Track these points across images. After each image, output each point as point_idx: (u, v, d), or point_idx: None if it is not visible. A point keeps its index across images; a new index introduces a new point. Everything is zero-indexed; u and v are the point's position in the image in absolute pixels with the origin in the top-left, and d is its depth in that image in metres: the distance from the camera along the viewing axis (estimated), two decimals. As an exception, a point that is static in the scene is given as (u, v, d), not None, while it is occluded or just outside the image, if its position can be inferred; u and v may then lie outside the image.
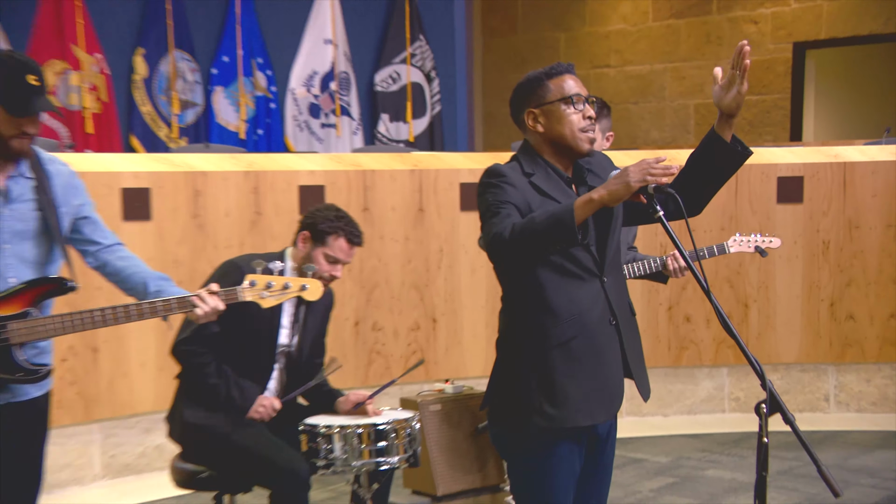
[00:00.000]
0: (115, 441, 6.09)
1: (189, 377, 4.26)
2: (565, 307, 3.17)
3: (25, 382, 3.42)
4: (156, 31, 8.78)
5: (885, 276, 7.26)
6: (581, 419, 3.19)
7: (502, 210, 3.14)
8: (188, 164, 6.29)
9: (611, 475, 3.47)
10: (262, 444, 4.06)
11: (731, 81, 3.06)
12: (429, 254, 6.87)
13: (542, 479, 3.27)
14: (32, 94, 3.34)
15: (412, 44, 10.00)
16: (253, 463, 4.05)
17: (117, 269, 3.58)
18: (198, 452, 4.20)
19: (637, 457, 6.40)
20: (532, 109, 3.28)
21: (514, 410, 3.26)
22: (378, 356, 6.74)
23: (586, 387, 3.19)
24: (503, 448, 3.45)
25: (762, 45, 11.43)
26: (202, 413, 4.17)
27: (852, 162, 7.29)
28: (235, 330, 4.14)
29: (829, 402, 7.38)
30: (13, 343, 3.34)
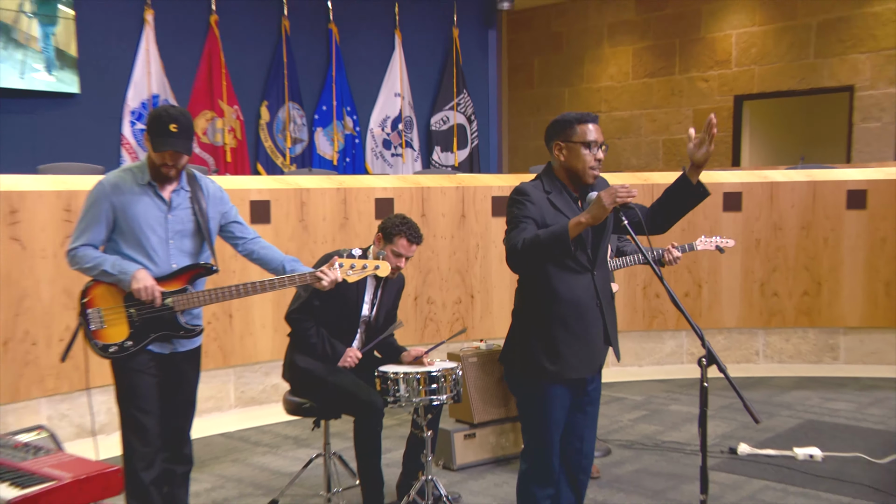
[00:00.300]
0: (243, 381, 6.23)
1: (296, 336, 4.28)
2: (565, 292, 3.23)
3: (186, 338, 3.55)
4: (276, 89, 8.83)
5: (799, 264, 7.31)
6: (572, 373, 3.27)
7: (520, 224, 3.18)
8: (297, 183, 6.39)
9: (597, 419, 3.50)
10: (348, 384, 4.07)
11: (702, 142, 3.14)
12: (468, 248, 6.93)
13: (540, 414, 3.32)
14: (168, 138, 3.34)
15: (458, 96, 10.00)
16: (342, 397, 4.07)
17: (262, 256, 3.65)
18: (303, 389, 4.24)
19: (619, 396, 6.47)
20: (559, 142, 3.27)
21: (523, 364, 3.31)
22: (431, 322, 6.81)
23: (576, 350, 3.26)
24: (515, 390, 3.48)
25: (711, 97, 11.36)
26: (306, 362, 4.21)
27: (777, 181, 7.34)
28: (331, 304, 4.18)
29: (759, 356, 7.43)
30: (176, 310, 3.47)
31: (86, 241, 3.44)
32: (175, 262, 3.51)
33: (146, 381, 3.48)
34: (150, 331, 3.46)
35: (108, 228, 3.45)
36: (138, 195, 3.46)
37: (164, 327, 3.47)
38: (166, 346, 3.53)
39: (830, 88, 10.52)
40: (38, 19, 7.30)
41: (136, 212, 3.44)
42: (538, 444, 3.37)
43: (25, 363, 5.25)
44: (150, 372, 3.50)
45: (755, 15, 11.02)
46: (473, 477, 4.78)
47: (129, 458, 3.47)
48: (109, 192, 3.45)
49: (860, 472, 4.76)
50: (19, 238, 5.22)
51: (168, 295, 3.44)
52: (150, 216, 3.46)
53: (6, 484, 2.38)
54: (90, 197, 3.48)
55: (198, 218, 3.55)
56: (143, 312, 3.43)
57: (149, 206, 3.47)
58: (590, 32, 12.53)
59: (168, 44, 8.13)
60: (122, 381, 3.50)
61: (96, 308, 3.43)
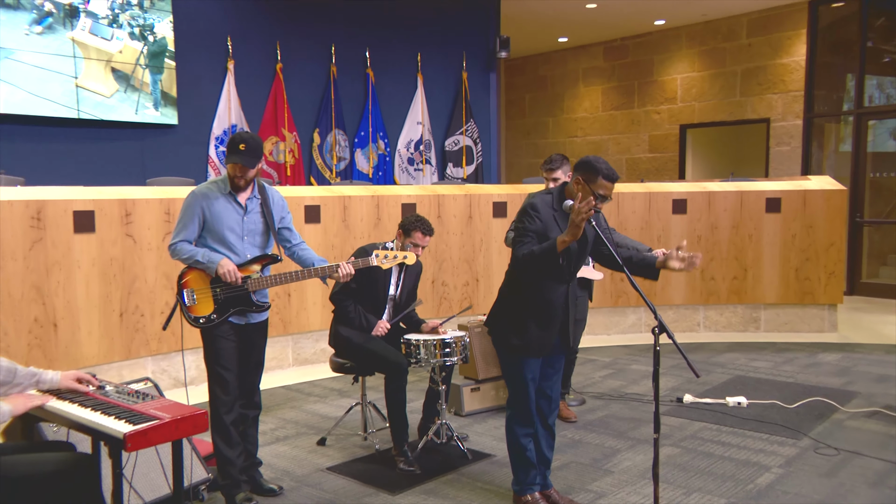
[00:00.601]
0: (299, 345, 6.21)
1: (339, 312, 4.25)
2: (544, 295, 3.21)
3: (257, 312, 3.52)
4: (325, 119, 8.78)
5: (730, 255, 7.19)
6: (532, 353, 3.26)
7: (525, 238, 3.12)
8: (341, 192, 6.37)
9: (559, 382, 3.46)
10: (380, 348, 4.05)
11: (684, 263, 3.11)
12: (474, 242, 6.88)
13: (517, 374, 3.31)
14: (236, 154, 3.35)
15: (466, 123, 9.92)
16: (376, 359, 4.05)
17: (300, 257, 3.64)
18: (345, 353, 4.21)
19: (591, 358, 6.43)
20: (581, 179, 3.13)
21: (499, 337, 3.33)
22: (444, 300, 6.77)
23: (538, 337, 3.23)
24: (497, 352, 3.44)
25: (662, 126, 11.38)
26: (347, 332, 4.18)
27: (713, 191, 7.25)
28: (366, 286, 4.16)
29: (700, 327, 7.35)
30: (250, 290, 3.45)
31: (183, 238, 3.44)
32: (249, 253, 3.50)
33: (227, 345, 3.47)
34: (230, 306, 3.44)
35: (200, 227, 3.45)
36: (222, 202, 3.45)
37: (240, 303, 3.46)
38: (242, 318, 3.51)
39: (752, 120, 10.59)
40: (149, 69, 7.47)
41: (220, 215, 3.43)
42: (517, 395, 3.35)
43: (136, 330, 5.26)
44: (231, 338, 3.48)
45: (695, 63, 11.09)
46: (478, 421, 4.77)
47: (214, 404, 3.46)
48: (200, 199, 3.45)
49: (776, 415, 4.74)
50: (132, 235, 5.22)
51: (244, 279, 3.43)
52: (230, 218, 3.45)
53: (123, 421, 2.42)
54: (186, 202, 3.48)
55: (266, 220, 3.53)
56: (225, 292, 3.43)
57: (229, 211, 3.46)
58: (568, 75, 12.54)
59: (244, 85, 8.22)
60: (209, 345, 3.48)
61: (190, 289, 3.43)
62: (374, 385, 5.14)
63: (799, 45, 10.02)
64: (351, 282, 4.07)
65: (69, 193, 5.03)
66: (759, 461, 4.00)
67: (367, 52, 9.17)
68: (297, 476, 3.86)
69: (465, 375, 5.01)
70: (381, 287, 4.25)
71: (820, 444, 4.22)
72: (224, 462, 3.45)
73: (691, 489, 3.66)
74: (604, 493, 3.61)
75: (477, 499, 3.58)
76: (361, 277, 4.08)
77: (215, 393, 3.46)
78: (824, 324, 7.27)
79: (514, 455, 3.41)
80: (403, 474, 3.85)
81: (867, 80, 9.80)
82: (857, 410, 4.83)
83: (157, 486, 3.25)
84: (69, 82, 6.97)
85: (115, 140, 7.41)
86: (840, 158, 10.21)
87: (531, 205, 3.18)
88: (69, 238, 4.91)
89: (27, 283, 4.72)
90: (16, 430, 3.12)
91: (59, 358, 4.85)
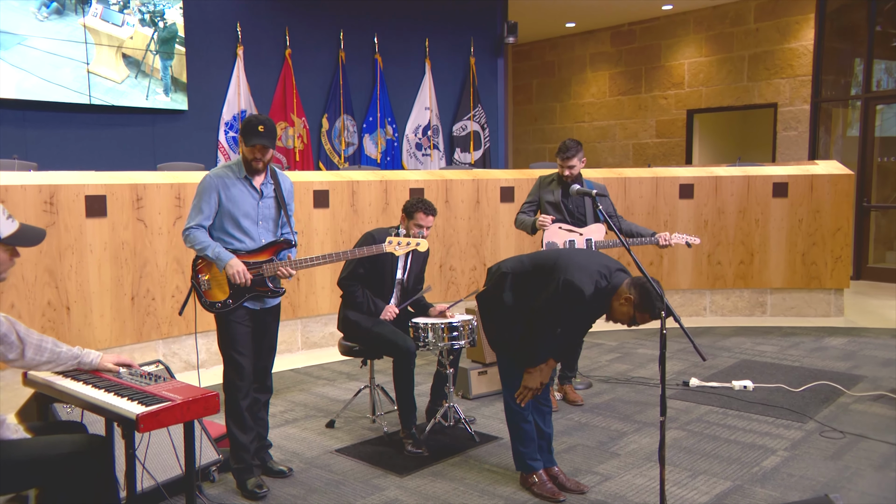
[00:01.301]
0: (308, 329, 6.21)
1: (346, 297, 4.23)
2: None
3: (272, 297, 3.52)
4: (334, 104, 8.74)
5: (737, 240, 7.17)
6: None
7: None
8: (349, 177, 6.34)
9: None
10: (389, 332, 4.03)
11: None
12: (482, 227, 6.86)
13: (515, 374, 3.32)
14: (256, 136, 3.32)
15: (474, 109, 9.87)
16: (384, 343, 4.03)
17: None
18: (353, 337, 4.20)
19: (598, 342, 6.40)
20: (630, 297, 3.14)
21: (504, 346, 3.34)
22: (452, 284, 6.76)
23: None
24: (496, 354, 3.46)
25: (669, 111, 11.27)
26: (355, 316, 4.17)
27: (720, 176, 7.20)
28: (373, 271, 4.16)
29: (706, 311, 7.32)
30: (266, 275, 3.43)
31: (198, 223, 3.39)
32: (264, 239, 3.47)
33: (243, 330, 3.44)
34: (246, 291, 3.42)
35: (215, 212, 3.40)
36: (239, 186, 3.41)
37: (256, 289, 3.44)
38: (257, 303, 3.49)
39: (759, 105, 10.47)
40: (160, 55, 7.48)
41: (236, 199, 3.40)
42: (514, 380, 3.34)
43: (147, 313, 5.27)
44: (245, 323, 3.46)
45: (702, 48, 10.96)
46: (485, 404, 4.77)
47: (230, 390, 3.45)
48: (217, 183, 3.39)
49: (781, 399, 4.72)
50: (143, 219, 5.23)
51: (257, 264, 3.40)
52: (246, 203, 3.41)
53: (135, 402, 2.42)
54: (202, 186, 3.41)
55: (280, 204, 3.50)
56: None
57: (245, 196, 3.42)
58: (576, 61, 12.44)
59: (253, 71, 8.20)
60: (224, 330, 3.46)
61: (205, 274, 3.43)
62: (382, 368, 5.15)
63: (807, 29, 9.90)
64: (359, 267, 4.11)
65: (81, 178, 5.03)
66: (765, 444, 3.99)
67: (375, 38, 9.12)
68: (306, 458, 3.87)
69: (472, 359, 5.00)
70: (389, 272, 4.22)
71: (825, 428, 4.21)
72: (238, 447, 3.45)
73: (697, 472, 3.65)
74: (610, 476, 3.61)
75: (484, 480, 3.58)
76: (369, 263, 4.09)
77: (230, 378, 3.45)
78: (830, 308, 7.23)
79: (515, 429, 3.39)
80: (411, 456, 3.86)
81: (875, 64, 9.69)
82: (863, 394, 4.81)
83: (168, 467, 3.26)
84: (81, 68, 6.96)
85: (126, 125, 7.42)
86: (847, 143, 10.12)
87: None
88: (81, 222, 4.92)
89: (40, 266, 4.74)
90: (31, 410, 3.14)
91: (72, 341, 4.87)
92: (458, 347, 4.11)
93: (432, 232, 6.69)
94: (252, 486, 3.42)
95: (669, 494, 3.39)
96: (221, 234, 3.43)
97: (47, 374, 2.75)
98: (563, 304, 3.06)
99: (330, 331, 6.24)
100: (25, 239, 2.54)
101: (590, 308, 3.11)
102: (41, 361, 2.64)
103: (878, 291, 8.78)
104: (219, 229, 3.42)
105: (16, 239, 2.51)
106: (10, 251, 2.53)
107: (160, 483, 3.16)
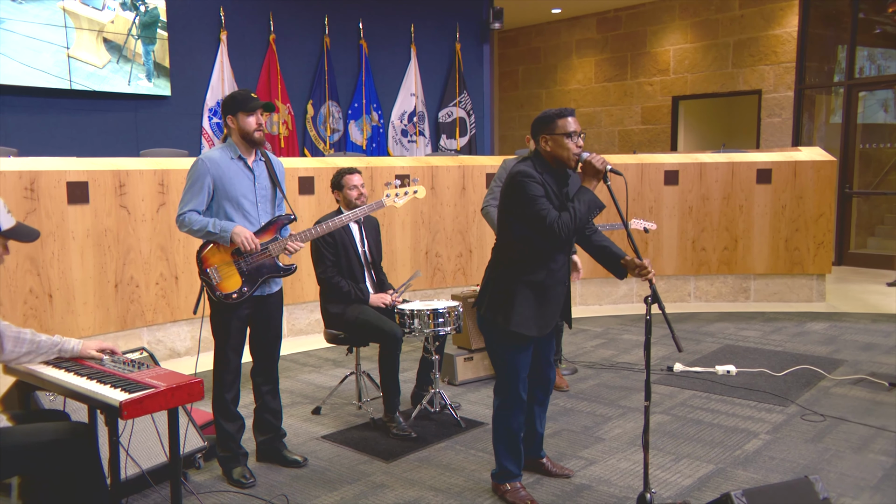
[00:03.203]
0: (294, 316, 6.19)
1: (330, 290, 4.12)
2: (548, 266, 3.02)
3: (285, 276, 3.45)
4: (319, 90, 8.71)
5: (721, 226, 7.22)
6: (539, 332, 3.06)
7: (543, 203, 2.89)
8: (335, 163, 6.30)
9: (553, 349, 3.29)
10: (374, 318, 4.00)
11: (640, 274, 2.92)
12: (468, 213, 6.85)
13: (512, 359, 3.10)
14: (254, 101, 3.30)
15: (460, 95, 9.85)
16: (371, 330, 4.00)
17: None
18: (337, 325, 4.13)
19: (584, 328, 6.43)
20: (545, 136, 2.98)
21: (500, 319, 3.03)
22: (438, 271, 6.75)
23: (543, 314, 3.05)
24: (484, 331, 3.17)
25: (654, 98, 11.30)
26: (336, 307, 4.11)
27: (705, 162, 7.23)
28: (340, 253, 4.11)
29: (691, 297, 7.37)
30: (275, 255, 3.38)
31: (192, 208, 3.29)
32: (264, 218, 3.42)
33: (239, 326, 3.40)
34: (258, 276, 3.37)
35: (209, 196, 3.31)
36: (233, 168, 3.34)
37: (268, 271, 3.39)
38: (265, 288, 3.44)
39: (744, 92, 10.50)
40: (141, 40, 7.40)
41: (232, 181, 3.32)
42: (511, 381, 3.12)
43: (131, 301, 5.24)
44: (244, 319, 3.41)
45: (687, 35, 10.97)
46: (471, 390, 4.78)
47: (217, 382, 3.43)
48: (210, 166, 3.30)
49: (764, 383, 4.76)
50: (126, 206, 5.18)
51: (265, 245, 3.35)
52: (242, 185, 3.34)
53: (118, 389, 2.41)
54: (194, 170, 3.31)
55: (274, 181, 3.45)
56: (249, 263, 3.34)
57: (241, 177, 3.35)
58: (562, 47, 12.42)
59: (237, 57, 8.13)
60: (222, 325, 3.39)
61: (213, 266, 3.33)
62: (368, 355, 5.15)
63: (791, 16, 9.93)
64: (328, 254, 4.08)
65: (63, 164, 4.97)
66: (747, 428, 4.03)
67: (360, 23, 9.06)
68: (293, 445, 3.87)
69: (458, 345, 5.00)
70: (350, 248, 4.16)
71: (806, 411, 4.25)
72: (224, 437, 3.44)
73: (680, 455, 3.69)
74: (595, 460, 3.64)
75: (470, 465, 3.59)
76: (333, 246, 4.09)
77: (219, 371, 3.42)
78: (812, 293, 7.30)
79: (505, 445, 3.19)
80: (398, 441, 3.86)
81: (858, 51, 9.74)
82: (843, 378, 4.87)
83: (153, 455, 3.25)
84: (61, 52, 6.86)
85: (108, 111, 7.33)
86: (830, 130, 10.18)
87: (522, 172, 2.96)
88: (63, 209, 4.87)
89: (21, 253, 4.68)
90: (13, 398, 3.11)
91: (55, 329, 4.83)
92: (444, 334, 4.09)
93: (417, 218, 6.68)
94: (238, 475, 3.41)
95: (653, 478, 3.41)
96: (222, 219, 3.34)
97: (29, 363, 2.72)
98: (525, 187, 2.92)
99: (315, 318, 6.23)
100: (21, 235, 2.58)
101: (542, 181, 2.95)
102: (21, 353, 2.63)
103: (859, 277, 8.88)
104: (217, 215, 3.33)
105: (13, 233, 2.55)
106: (2, 245, 2.56)
107: (145, 470, 3.14)
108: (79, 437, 2.48)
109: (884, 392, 4.57)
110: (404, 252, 6.59)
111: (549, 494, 3.28)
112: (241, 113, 3.32)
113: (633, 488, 3.31)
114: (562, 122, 2.99)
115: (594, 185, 2.95)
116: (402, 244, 6.57)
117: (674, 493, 3.28)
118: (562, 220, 2.88)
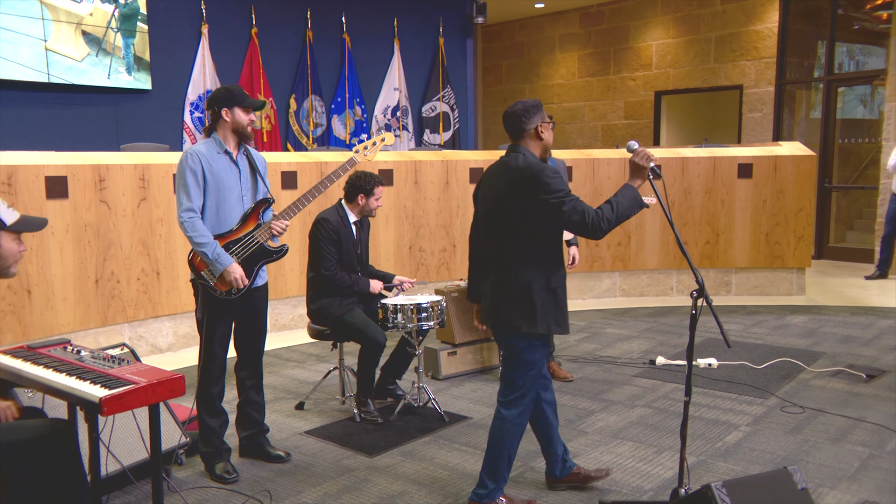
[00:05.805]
0: (277, 311, 6.16)
1: (338, 285, 4.08)
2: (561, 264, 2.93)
3: (279, 259, 3.47)
4: (302, 85, 8.66)
5: (703, 220, 7.26)
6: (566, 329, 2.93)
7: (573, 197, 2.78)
8: (318, 158, 6.29)
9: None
10: (358, 320, 4.02)
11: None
12: (451, 208, 6.85)
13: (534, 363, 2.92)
14: (248, 98, 3.35)
15: (443, 90, 9.83)
16: (355, 332, 4.03)
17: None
18: (321, 322, 4.14)
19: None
20: (543, 123, 2.93)
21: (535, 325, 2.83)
22: (422, 266, 6.74)
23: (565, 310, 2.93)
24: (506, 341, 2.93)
25: (637, 92, 11.33)
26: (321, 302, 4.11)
27: (687, 157, 7.27)
28: (343, 250, 4.12)
29: (673, 290, 7.40)
30: (263, 241, 3.38)
31: (190, 206, 3.26)
32: (247, 207, 3.41)
33: (227, 320, 3.40)
34: (253, 265, 3.38)
35: (203, 191, 3.29)
36: (220, 162, 3.33)
37: (262, 256, 3.40)
38: (255, 280, 3.44)
39: (725, 87, 10.57)
40: (121, 33, 7.32)
41: (220, 175, 3.31)
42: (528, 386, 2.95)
43: (112, 297, 5.19)
44: (231, 316, 3.41)
45: (670, 30, 11.02)
46: (455, 385, 4.79)
47: (202, 375, 3.41)
48: (201, 161, 3.28)
49: (745, 375, 4.81)
50: (106, 200, 5.13)
51: (250, 233, 3.36)
52: (230, 179, 3.34)
53: (98, 386, 2.39)
54: (185, 166, 3.27)
55: (256, 174, 3.44)
56: (240, 253, 3.35)
57: (228, 171, 3.34)
58: (545, 42, 12.44)
59: (219, 50, 8.06)
60: (212, 322, 3.37)
61: (207, 269, 3.33)
62: (351, 350, 5.14)
63: (772, 11, 10.00)
64: (332, 253, 4.10)
65: (41, 158, 4.91)
66: (728, 420, 4.07)
67: (342, 17, 9.02)
68: (276, 440, 3.85)
69: (442, 340, 5.00)
70: (351, 246, 4.17)
71: (786, 403, 4.30)
72: (207, 432, 3.42)
73: (662, 448, 3.71)
74: (578, 453, 3.66)
75: (454, 459, 3.60)
76: (336, 245, 4.11)
77: (205, 365, 3.40)
78: (793, 287, 7.37)
79: (509, 458, 2.97)
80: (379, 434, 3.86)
81: (837, 47, 9.83)
82: (822, 370, 4.92)
83: (135, 451, 3.22)
84: (38, 45, 6.77)
85: (87, 105, 7.25)
86: (810, 125, 10.27)
87: (543, 168, 2.81)
88: (42, 204, 4.81)
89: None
90: (-9, 396, 3.07)
91: (34, 325, 4.78)
92: (427, 327, 4.09)
93: (401, 213, 6.67)
94: (221, 470, 3.39)
95: (636, 470, 3.44)
96: (209, 214, 3.31)
97: (7, 358, 2.69)
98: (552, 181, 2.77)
99: (299, 313, 6.20)
100: (29, 225, 2.55)
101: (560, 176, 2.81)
102: None
103: (838, 270, 8.97)
104: (203, 209, 3.30)
105: (21, 226, 2.51)
106: (17, 240, 2.52)
107: (126, 467, 3.12)
108: (58, 434, 2.46)
109: (861, 384, 4.63)
110: (388, 246, 6.57)
111: (532, 488, 3.29)
112: (237, 107, 3.33)
113: (615, 481, 3.33)
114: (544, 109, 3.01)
115: (639, 184, 2.87)
116: (385, 238, 6.55)
117: (656, 485, 3.30)
118: (602, 213, 2.77)
